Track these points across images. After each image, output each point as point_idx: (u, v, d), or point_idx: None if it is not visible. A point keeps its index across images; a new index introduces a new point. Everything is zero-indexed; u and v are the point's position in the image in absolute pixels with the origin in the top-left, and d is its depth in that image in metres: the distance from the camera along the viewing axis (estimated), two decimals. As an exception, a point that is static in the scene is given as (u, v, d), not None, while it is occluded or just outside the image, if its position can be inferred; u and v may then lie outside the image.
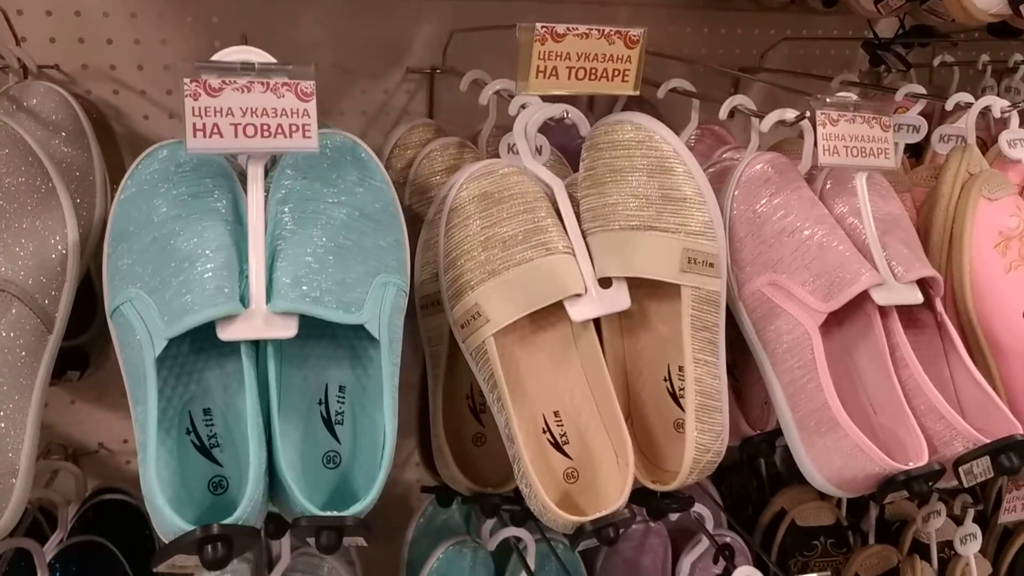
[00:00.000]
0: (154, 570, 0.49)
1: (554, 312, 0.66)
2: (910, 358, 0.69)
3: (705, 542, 0.98)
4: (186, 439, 0.54)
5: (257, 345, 0.54)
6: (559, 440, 0.65)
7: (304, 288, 0.53)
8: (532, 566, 0.93)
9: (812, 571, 1.05)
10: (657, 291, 0.67)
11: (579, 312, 0.63)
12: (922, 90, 0.88)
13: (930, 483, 0.64)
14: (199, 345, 0.55)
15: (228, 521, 0.47)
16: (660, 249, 0.63)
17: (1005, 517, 0.82)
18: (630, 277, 0.65)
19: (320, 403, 0.58)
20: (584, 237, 0.66)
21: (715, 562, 0.94)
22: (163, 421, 0.53)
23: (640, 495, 0.66)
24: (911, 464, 0.65)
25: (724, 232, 0.69)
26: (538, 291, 0.62)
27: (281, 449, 0.52)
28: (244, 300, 0.52)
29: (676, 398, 0.69)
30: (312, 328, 0.59)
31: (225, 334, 0.50)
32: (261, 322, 0.51)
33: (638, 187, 0.65)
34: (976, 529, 0.95)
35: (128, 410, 1.03)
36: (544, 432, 0.66)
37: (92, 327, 0.71)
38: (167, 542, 0.48)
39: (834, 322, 0.71)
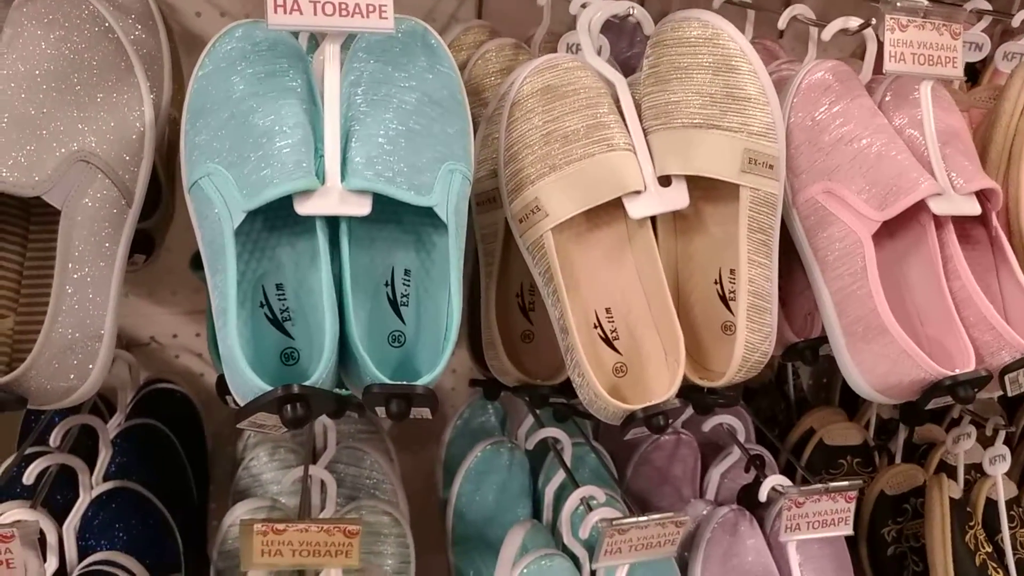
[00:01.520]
0: (237, 426, 0.52)
1: (610, 210, 0.67)
2: (963, 269, 0.70)
3: (736, 454, 1.00)
4: (259, 312, 0.56)
5: (331, 224, 0.56)
6: (610, 336, 0.67)
7: (378, 168, 0.54)
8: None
9: (838, 488, 1.07)
10: (714, 192, 0.68)
11: (637, 209, 0.64)
12: (988, 6, 0.86)
13: (975, 388, 0.66)
14: (272, 223, 0.57)
15: (307, 383, 0.49)
16: (722, 148, 0.64)
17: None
18: (689, 176, 0.65)
19: (386, 285, 0.60)
20: (645, 135, 0.66)
21: (746, 471, 0.97)
22: (237, 295, 0.55)
23: (687, 391, 0.68)
24: (957, 370, 0.66)
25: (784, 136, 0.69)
26: (597, 187, 0.63)
27: (354, 326, 0.54)
28: (320, 177, 0.53)
29: (726, 301, 0.70)
30: (379, 211, 0.60)
31: (303, 208, 0.52)
32: (337, 199, 0.53)
33: (702, 85, 0.65)
34: (1006, 451, 0.96)
35: (178, 306, 1.06)
36: (595, 327, 0.67)
37: (156, 213, 0.73)
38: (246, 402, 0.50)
39: (886, 232, 0.72)
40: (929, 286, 0.72)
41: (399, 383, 0.52)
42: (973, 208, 0.70)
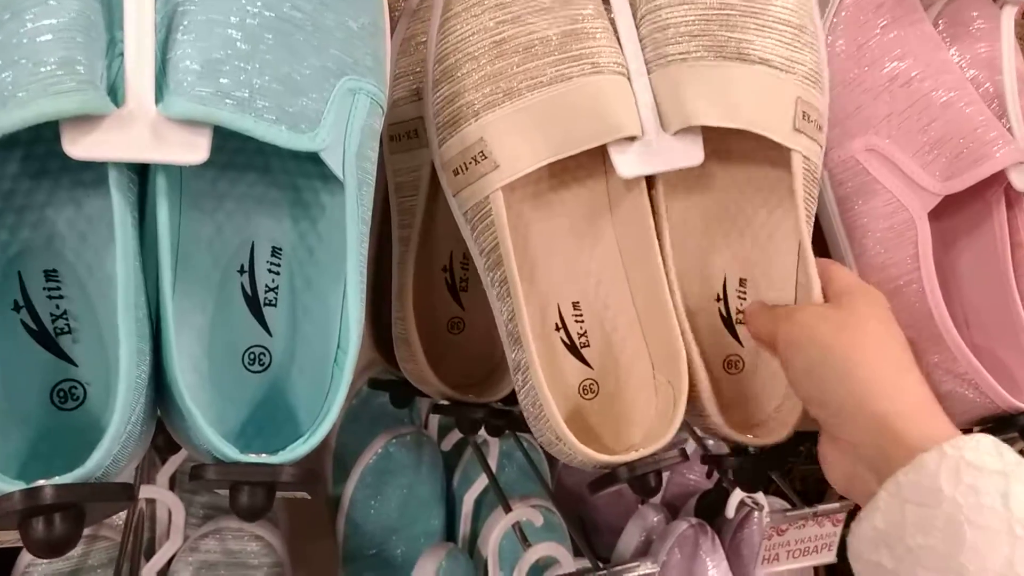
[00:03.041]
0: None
1: (585, 163, 0.46)
2: (1036, 263, 0.53)
3: (690, 446, 0.84)
4: (13, 318, 0.33)
5: (140, 174, 0.33)
6: (576, 341, 0.47)
7: (223, 82, 0.31)
8: (493, 466, 0.77)
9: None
10: (730, 158, 0.48)
11: (629, 164, 0.43)
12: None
13: (1055, 430, 0.49)
14: (37, 166, 0.34)
15: (71, 478, 0.27)
16: (771, 92, 0.43)
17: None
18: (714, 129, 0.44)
19: (241, 271, 0.38)
20: (649, 64, 0.45)
21: (708, 476, 0.81)
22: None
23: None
24: (1033, 403, 0.50)
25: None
26: (574, 127, 0.42)
27: (176, 342, 0.32)
28: (115, 94, 0.30)
29: (731, 325, 0.49)
30: (232, 152, 0.37)
31: (78, 150, 0.29)
32: (146, 133, 0.30)
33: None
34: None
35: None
36: (557, 329, 0.47)
37: None
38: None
39: (937, 207, 0.53)
40: (988, 282, 0.54)
41: (248, 462, 0.30)
42: (1060, 183, 0.52)
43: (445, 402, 0.53)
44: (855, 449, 0.38)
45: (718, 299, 0.48)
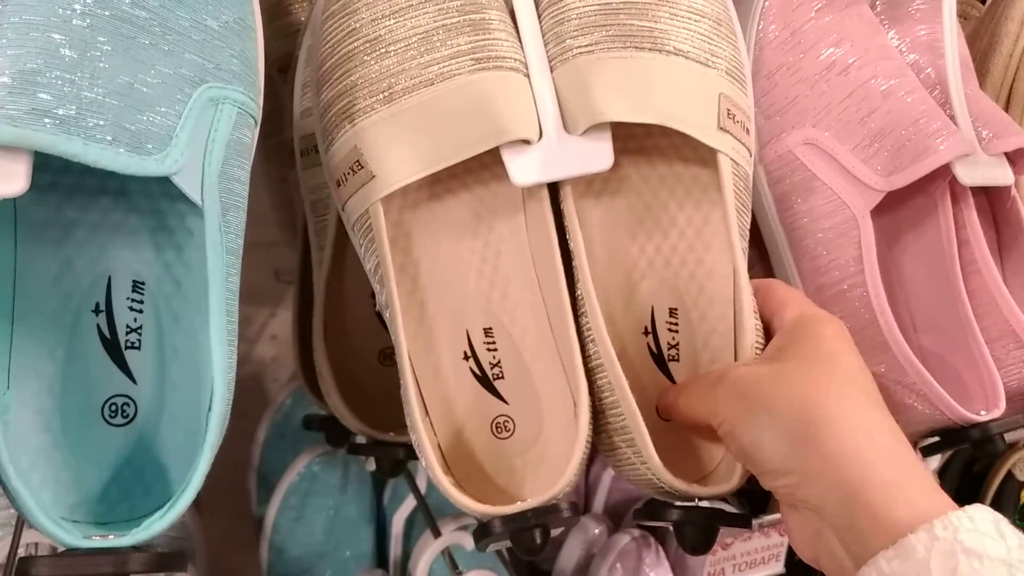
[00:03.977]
0: None
1: (495, 167, 0.42)
2: (984, 261, 0.50)
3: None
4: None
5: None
6: (488, 372, 0.42)
7: (42, 97, 0.26)
8: (423, 487, 0.72)
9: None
10: (649, 160, 0.43)
11: (523, 170, 0.38)
12: None
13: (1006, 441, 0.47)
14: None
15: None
16: (692, 86, 0.39)
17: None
18: (628, 126, 0.40)
19: (97, 311, 0.33)
20: (553, 60, 0.40)
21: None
22: None
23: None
24: (983, 413, 0.47)
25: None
26: (459, 131, 0.37)
27: (15, 395, 0.27)
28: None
29: (663, 362, 0.43)
30: (80, 174, 0.32)
31: None
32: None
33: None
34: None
35: None
36: (467, 358, 0.42)
37: None
38: None
39: (879, 203, 0.50)
40: (934, 281, 0.51)
41: (88, 549, 0.26)
42: (1006, 175, 0.50)
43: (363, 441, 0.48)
44: (820, 513, 0.32)
45: (646, 332, 0.42)
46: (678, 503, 0.38)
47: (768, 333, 0.39)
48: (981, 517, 0.28)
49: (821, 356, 0.35)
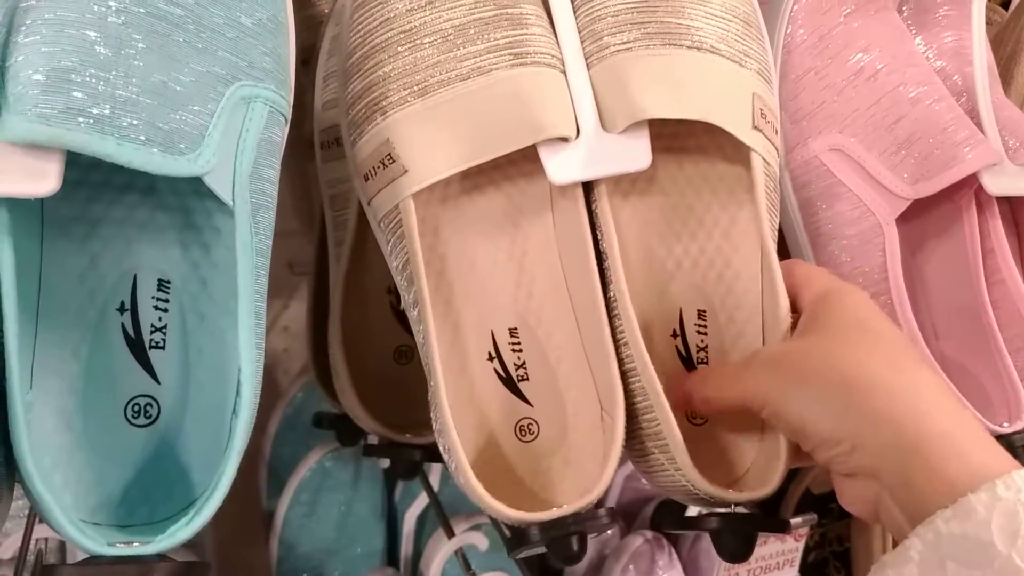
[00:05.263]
0: None
1: (524, 164, 0.41)
2: (1009, 271, 0.50)
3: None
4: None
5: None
6: (513, 373, 0.41)
7: (76, 96, 0.25)
8: (436, 482, 0.72)
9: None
10: (685, 160, 0.43)
11: (562, 167, 0.37)
12: None
13: (1028, 451, 0.46)
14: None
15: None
16: (728, 83, 0.38)
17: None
18: (657, 126, 0.39)
19: (122, 309, 0.32)
20: (589, 59, 0.39)
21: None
22: None
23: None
24: (1006, 426, 0.46)
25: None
26: (494, 127, 0.36)
27: (38, 395, 0.27)
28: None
29: (692, 365, 0.42)
30: (108, 171, 0.32)
31: None
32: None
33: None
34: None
35: None
36: (491, 359, 0.41)
37: None
38: None
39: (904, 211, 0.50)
40: (958, 290, 0.51)
41: (111, 558, 0.25)
42: (1033, 184, 0.49)
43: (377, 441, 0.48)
44: (877, 477, 0.31)
45: (675, 335, 0.42)
46: (715, 511, 0.37)
47: (793, 313, 0.38)
48: None
49: (850, 324, 0.34)
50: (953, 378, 0.47)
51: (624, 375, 0.37)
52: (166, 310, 0.32)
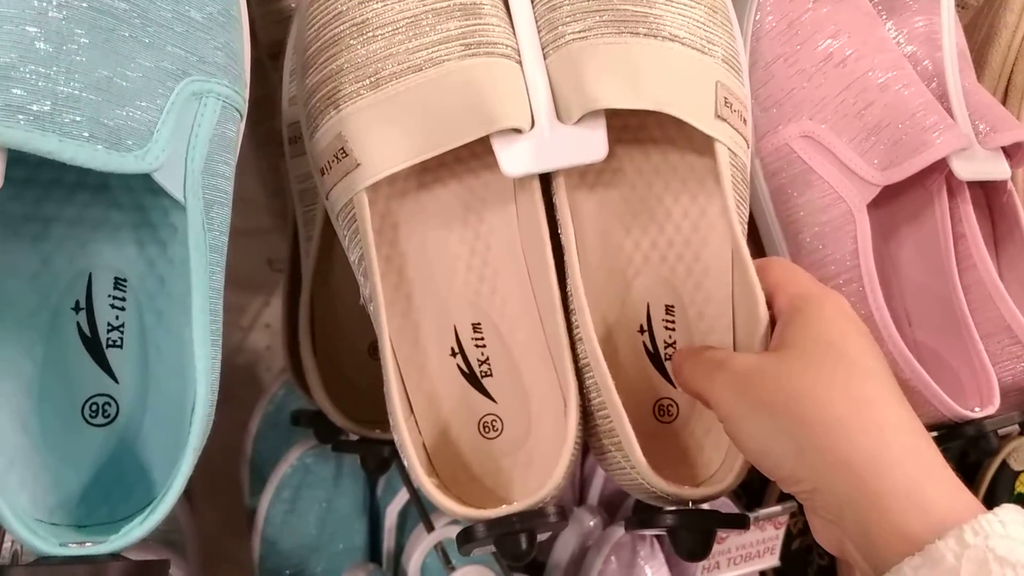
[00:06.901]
0: None
1: (486, 156, 0.41)
2: (980, 256, 0.50)
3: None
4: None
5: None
6: (477, 369, 0.41)
7: (16, 92, 0.25)
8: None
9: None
10: (645, 152, 0.43)
11: (514, 160, 0.37)
12: None
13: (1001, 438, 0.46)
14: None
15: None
16: (688, 72, 0.38)
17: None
18: (623, 116, 0.39)
19: (77, 308, 0.32)
20: (546, 49, 0.39)
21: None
22: None
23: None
24: (978, 410, 0.47)
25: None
26: (447, 119, 0.36)
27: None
28: None
29: (659, 361, 0.41)
30: (59, 168, 0.32)
31: None
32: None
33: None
34: None
35: None
36: (454, 355, 0.41)
37: None
38: None
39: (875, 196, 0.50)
40: (930, 276, 0.51)
41: (62, 558, 0.25)
42: (1002, 170, 0.49)
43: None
44: (839, 524, 0.29)
45: (641, 330, 0.41)
46: (670, 508, 0.37)
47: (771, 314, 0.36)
48: (1012, 520, 0.26)
49: (822, 343, 0.31)
50: (925, 363, 0.47)
51: (581, 371, 0.37)
52: (123, 308, 0.32)
